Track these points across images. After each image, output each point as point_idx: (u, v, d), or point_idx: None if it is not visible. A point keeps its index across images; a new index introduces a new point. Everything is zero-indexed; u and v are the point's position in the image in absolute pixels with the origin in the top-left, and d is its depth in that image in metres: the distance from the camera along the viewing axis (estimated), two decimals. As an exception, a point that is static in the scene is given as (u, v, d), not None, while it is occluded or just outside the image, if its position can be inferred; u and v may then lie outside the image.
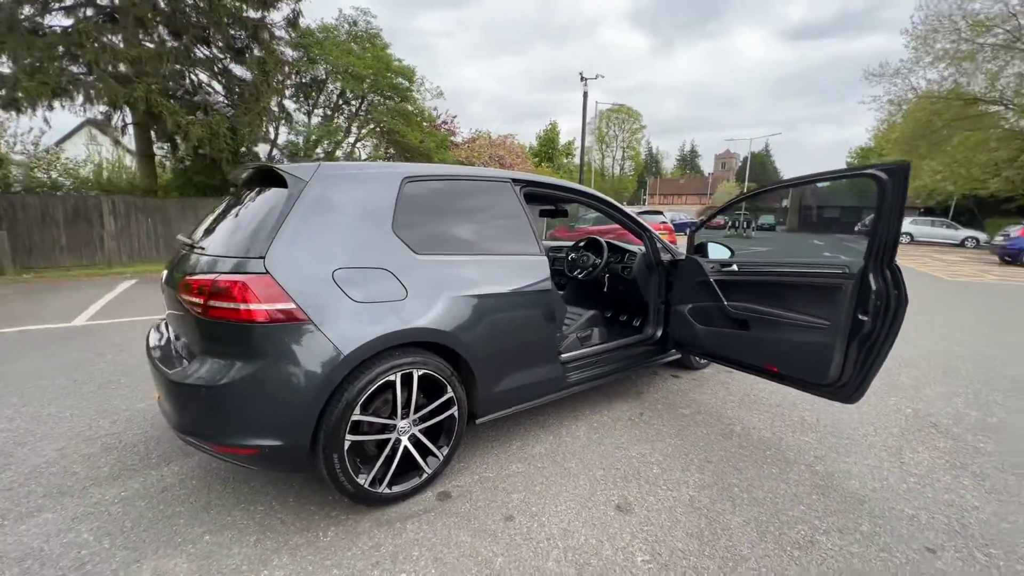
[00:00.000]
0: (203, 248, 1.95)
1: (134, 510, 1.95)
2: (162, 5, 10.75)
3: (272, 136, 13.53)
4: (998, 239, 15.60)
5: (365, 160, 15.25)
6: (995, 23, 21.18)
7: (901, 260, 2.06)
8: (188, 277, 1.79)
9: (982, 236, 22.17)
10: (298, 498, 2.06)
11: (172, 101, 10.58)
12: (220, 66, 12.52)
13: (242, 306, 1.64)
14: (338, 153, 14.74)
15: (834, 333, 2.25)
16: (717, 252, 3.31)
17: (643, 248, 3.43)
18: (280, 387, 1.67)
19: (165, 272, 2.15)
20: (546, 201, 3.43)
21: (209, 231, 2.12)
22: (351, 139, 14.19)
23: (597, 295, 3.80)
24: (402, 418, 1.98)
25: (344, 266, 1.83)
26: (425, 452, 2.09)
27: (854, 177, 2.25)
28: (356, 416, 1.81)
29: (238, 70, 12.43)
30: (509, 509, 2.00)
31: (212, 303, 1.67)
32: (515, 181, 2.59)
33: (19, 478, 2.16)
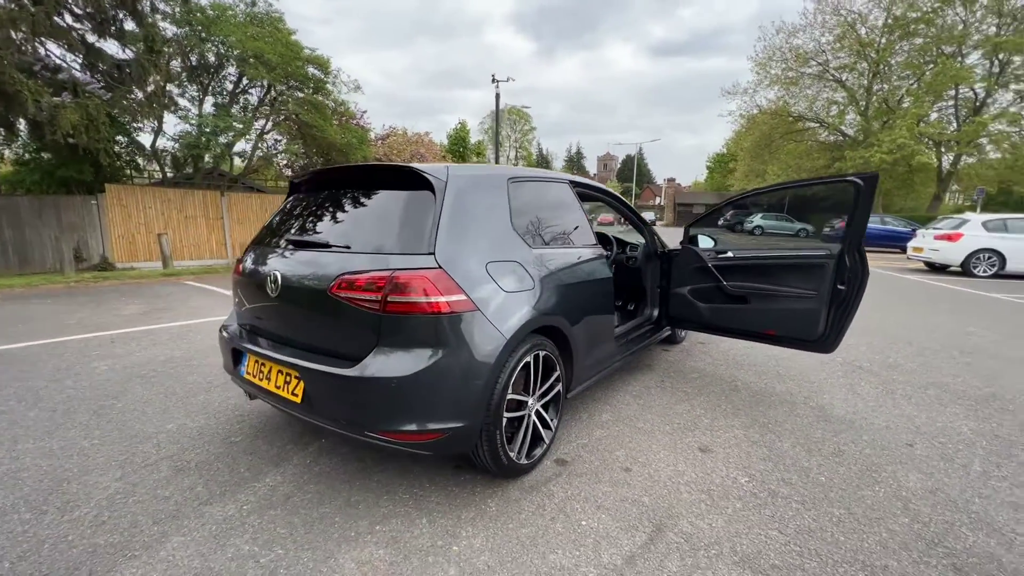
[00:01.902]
0: (347, 246, 1.95)
1: (277, 518, 1.89)
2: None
3: (157, 125, 11.73)
4: (826, 230, 19.74)
5: (275, 155, 13.95)
6: (811, 56, 26.41)
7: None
8: (349, 275, 1.81)
9: (810, 227, 27.55)
10: (433, 483, 2.16)
11: (30, 79, 8.66)
12: (78, 35, 10.51)
13: (424, 299, 1.75)
14: (241, 146, 13.31)
15: (820, 300, 2.97)
16: (704, 242, 3.98)
17: (643, 240, 3.97)
18: (463, 370, 1.81)
19: (277, 275, 2.05)
20: (584, 200, 3.77)
21: (311, 230, 2.13)
22: (254, 132, 12.86)
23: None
24: (531, 395, 2.21)
25: (492, 260, 2.01)
26: (544, 425, 2.33)
27: (837, 182, 2.98)
28: (509, 395, 2.01)
29: (112, 47, 10.56)
30: (622, 463, 2.34)
31: (392, 298, 1.74)
32: (571, 183, 2.91)
33: (101, 511, 1.92)
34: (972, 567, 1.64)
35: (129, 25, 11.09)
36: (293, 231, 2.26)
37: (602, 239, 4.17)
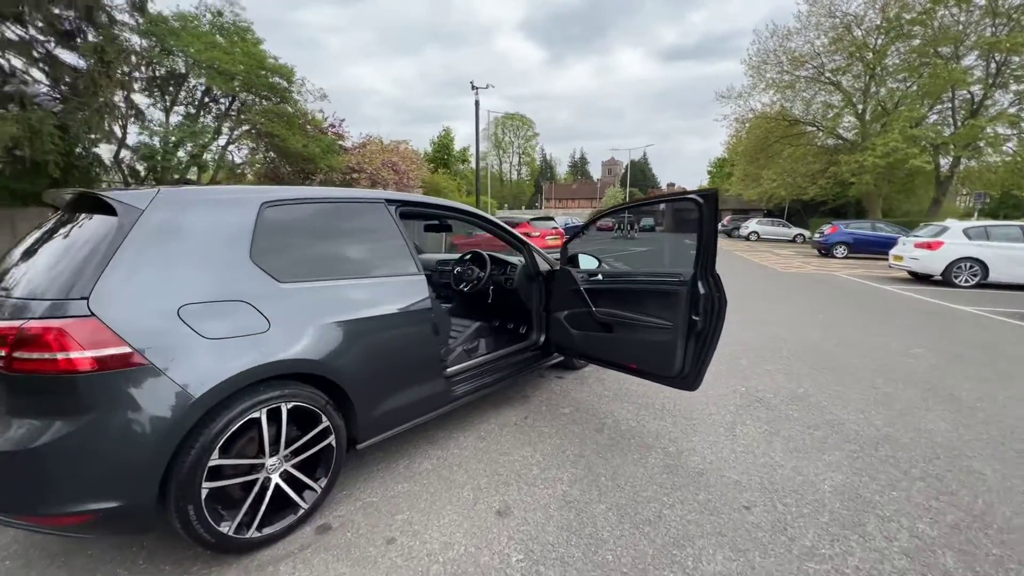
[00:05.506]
0: (5, 289, 1.67)
1: (-82, 611, 1.60)
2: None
3: (119, 136, 11.67)
4: (816, 236, 19.15)
5: (242, 165, 13.86)
6: (806, 59, 25.89)
7: (749, 255, 2.50)
8: (-15, 325, 1.52)
9: (807, 233, 26.92)
10: (150, 558, 1.85)
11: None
12: (42, 51, 10.54)
13: (60, 355, 1.45)
14: (206, 156, 13.21)
15: (676, 332, 2.62)
16: (587, 262, 3.65)
17: (523, 260, 3.65)
18: (116, 441, 1.51)
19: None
20: (425, 219, 3.48)
21: (12, 267, 1.81)
22: (221, 141, 12.78)
23: (483, 306, 3.94)
24: (271, 455, 1.89)
25: (192, 301, 1.70)
26: (301, 487, 2.02)
27: (680, 200, 2.64)
28: (214, 461, 1.70)
29: (70, 58, 10.54)
30: (391, 531, 2.01)
31: (17, 354, 1.45)
32: (389, 201, 2.61)
33: None
34: None
35: (93, 36, 11.11)
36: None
37: (478, 259, 3.87)
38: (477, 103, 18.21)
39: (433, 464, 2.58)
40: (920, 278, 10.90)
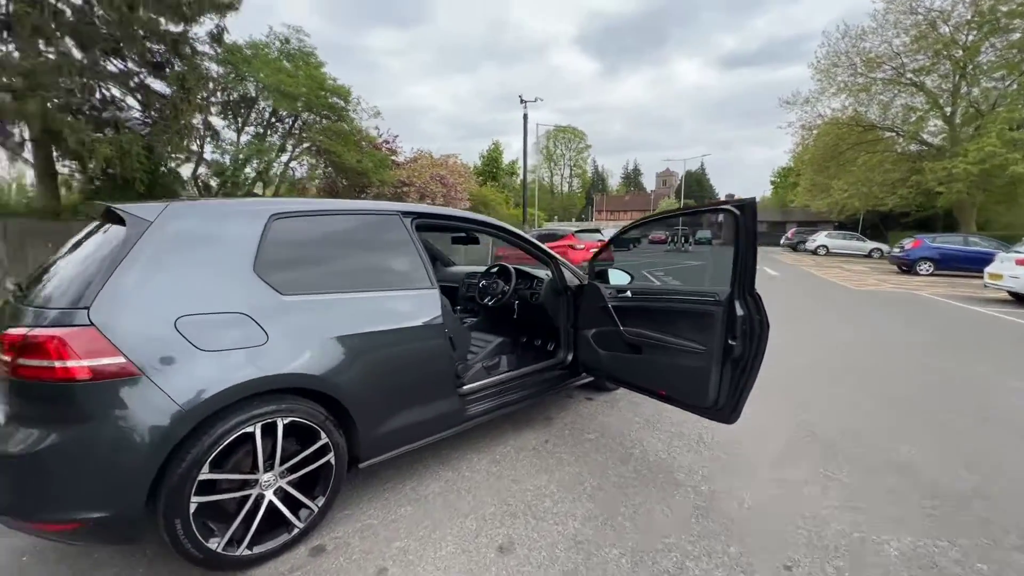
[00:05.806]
0: (31, 296, 1.75)
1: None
2: (68, 15, 10.00)
3: (198, 154, 12.80)
4: (895, 251, 17.34)
5: (301, 179, 14.74)
6: (883, 60, 23.93)
7: (817, 271, 2.22)
8: (6, 331, 1.60)
9: (885, 247, 24.53)
10: (151, 566, 1.86)
11: (77, 117, 9.79)
12: (137, 81, 11.81)
13: (57, 363, 1.48)
14: (271, 172, 14.18)
15: (709, 357, 2.35)
16: (617, 278, 3.43)
17: (550, 274, 3.49)
18: (105, 451, 1.51)
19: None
20: (444, 231, 3.42)
21: (40, 276, 1.91)
22: (284, 158, 13.68)
23: (509, 321, 3.81)
24: (266, 471, 1.86)
25: (189, 313, 1.70)
26: (297, 505, 1.97)
27: (716, 211, 2.39)
28: (205, 475, 1.67)
29: (159, 85, 11.74)
30: (385, 560, 1.91)
31: (21, 360, 1.50)
32: (404, 213, 2.55)
33: None
34: None
35: (179, 66, 12.32)
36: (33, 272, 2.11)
37: (504, 273, 3.76)
38: (525, 116, 18.38)
39: (441, 487, 2.46)
40: (1023, 300, 9.52)
